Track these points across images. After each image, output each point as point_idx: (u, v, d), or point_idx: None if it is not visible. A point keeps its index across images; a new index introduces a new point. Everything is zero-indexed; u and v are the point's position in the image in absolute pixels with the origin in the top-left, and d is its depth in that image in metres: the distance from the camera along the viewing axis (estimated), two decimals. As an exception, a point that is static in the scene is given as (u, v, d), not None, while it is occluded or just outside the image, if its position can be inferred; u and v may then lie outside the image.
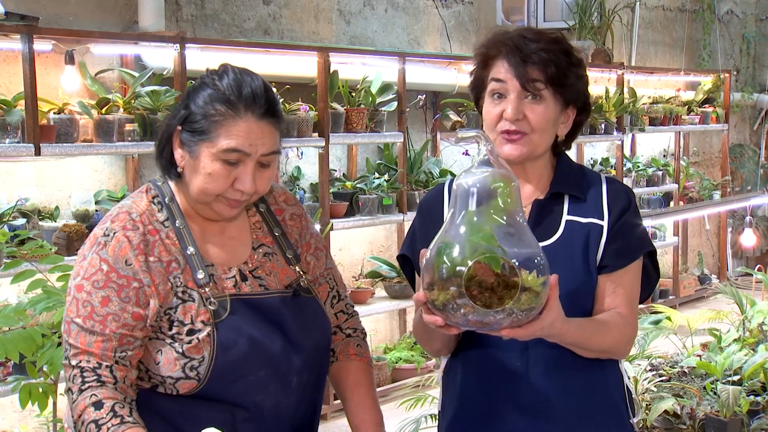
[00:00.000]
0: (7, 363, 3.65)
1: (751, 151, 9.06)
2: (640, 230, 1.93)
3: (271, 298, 1.80)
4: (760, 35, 9.19)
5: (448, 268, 1.57)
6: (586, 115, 1.95)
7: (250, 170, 1.72)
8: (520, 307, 1.57)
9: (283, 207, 1.95)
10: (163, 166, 1.80)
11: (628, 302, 1.90)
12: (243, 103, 1.70)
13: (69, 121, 3.78)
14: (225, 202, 1.75)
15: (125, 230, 1.73)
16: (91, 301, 1.69)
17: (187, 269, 1.75)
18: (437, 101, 5.96)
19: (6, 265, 2.70)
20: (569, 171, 1.96)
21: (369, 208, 5.09)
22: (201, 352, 1.70)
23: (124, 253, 1.71)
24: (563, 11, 6.92)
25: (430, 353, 1.97)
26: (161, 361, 1.71)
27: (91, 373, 1.67)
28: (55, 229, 3.82)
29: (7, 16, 3.65)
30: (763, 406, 3.39)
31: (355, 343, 1.98)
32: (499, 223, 1.61)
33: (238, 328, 1.73)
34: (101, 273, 1.70)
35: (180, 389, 1.71)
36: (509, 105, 1.83)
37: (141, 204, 1.79)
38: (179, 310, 1.72)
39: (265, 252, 1.87)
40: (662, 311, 4.02)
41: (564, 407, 1.88)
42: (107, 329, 1.68)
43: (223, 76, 1.74)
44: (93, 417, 1.63)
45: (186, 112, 1.74)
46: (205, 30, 4.76)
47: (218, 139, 1.69)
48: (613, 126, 6.70)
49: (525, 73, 1.83)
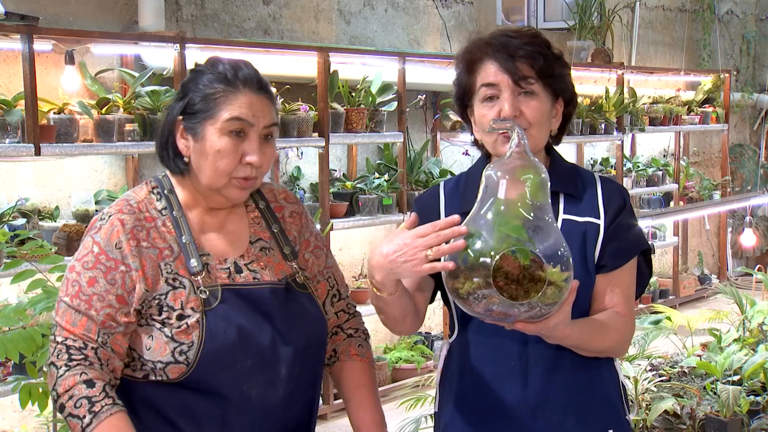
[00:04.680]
0: (7, 363, 3.65)
1: (751, 151, 9.06)
2: (636, 229, 1.95)
3: (262, 289, 1.81)
4: (760, 35, 9.19)
5: (474, 258, 1.57)
6: (573, 107, 1.97)
7: (255, 141, 1.77)
8: (545, 302, 1.58)
9: (282, 204, 1.97)
10: (169, 160, 1.83)
11: (625, 301, 1.91)
12: (240, 81, 1.77)
13: (69, 121, 3.78)
14: (236, 183, 1.78)
15: (120, 213, 1.77)
16: (80, 280, 1.73)
17: (181, 257, 1.78)
18: (437, 101, 5.96)
19: (6, 265, 2.70)
20: (563, 169, 1.97)
21: (369, 208, 5.09)
22: (190, 337, 1.72)
23: (116, 236, 1.74)
24: (563, 11, 6.92)
25: (391, 329, 1.95)
26: (152, 346, 1.73)
27: (78, 352, 1.70)
28: (55, 229, 3.82)
29: (7, 16, 3.65)
30: (763, 406, 3.39)
31: (356, 343, 1.98)
32: (527, 215, 1.61)
33: (227, 316, 1.75)
34: (91, 254, 1.74)
35: (170, 374, 1.73)
36: (505, 103, 1.84)
37: (140, 193, 1.83)
38: (169, 296, 1.74)
39: (262, 246, 1.88)
40: (662, 311, 4.02)
41: (562, 406, 1.89)
42: (92, 309, 1.71)
43: (217, 64, 1.81)
44: (85, 394, 1.66)
45: (184, 101, 1.80)
46: (205, 30, 4.76)
47: (221, 112, 1.75)
48: (613, 126, 6.70)
49: (516, 70, 1.84)
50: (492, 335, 1.88)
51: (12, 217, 3.66)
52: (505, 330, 1.72)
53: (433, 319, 5.98)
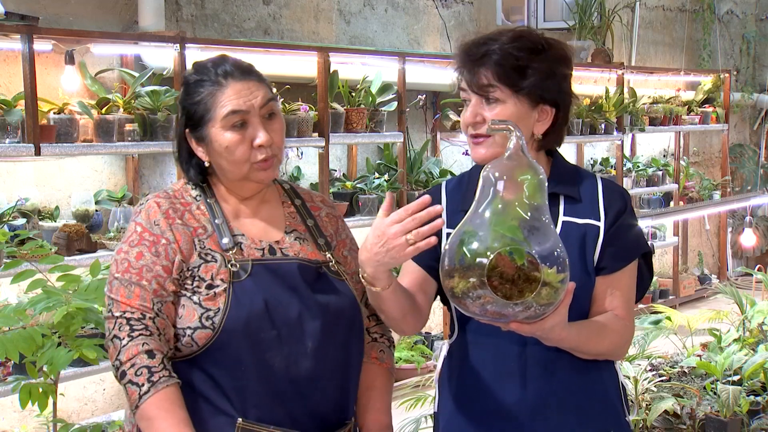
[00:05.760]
0: (7, 363, 3.65)
1: (751, 151, 9.06)
2: (636, 232, 1.94)
3: (290, 263, 1.88)
4: (760, 35, 9.18)
5: (469, 258, 1.58)
6: (564, 109, 1.91)
7: (258, 125, 1.85)
8: (540, 302, 1.58)
9: (319, 206, 2.05)
10: (196, 172, 1.92)
11: (625, 303, 1.90)
12: (221, 76, 1.85)
13: (69, 121, 3.78)
14: (257, 167, 1.86)
15: (157, 197, 1.90)
16: (128, 257, 1.83)
17: (214, 236, 1.87)
18: (437, 101, 5.96)
19: (6, 265, 2.70)
20: (564, 171, 1.96)
21: (369, 208, 5.09)
22: (217, 304, 1.80)
23: (154, 215, 1.86)
24: (563, 11, 6.92)
25: (393, 329, 1.96)
26: (183, 315, 1.82)
27: (138, 322, 1.78)
28: (55, 229, 3.82)
29: (7, 16, 3.65)
30: (763, 406, 3.39)
31: (378, 348, 2.01)
32: (523, 216, 1.62)
33: (254, 288, 1.82)
34: (136, 234, 1.85)
35: (198, 341, 1.79)
36: (468, 110, 1.87)
37: (177, 184, 1.96)
38: (201, 268, 1.83)
39: (296, 236, 1.95)
40: (662, 311, 4.02)
41: (561, 407, 1.88)
42: (143, 279, 1.80)
43: (198, 69, 1.90)
44: (146, 363, 1.74)
45: (183, 113, 1.89)
46: (205, 30, 4.76)
47: (215, 112, 1.84)
48: (613, 126, 6.69)
49: (475, 79, 1.85)
50: (491, 336, 1.88)
51: (12, 217, 3.66)
52: (504, 331, 1.72)
53: (433, 319, 5.97)
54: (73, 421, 3.40)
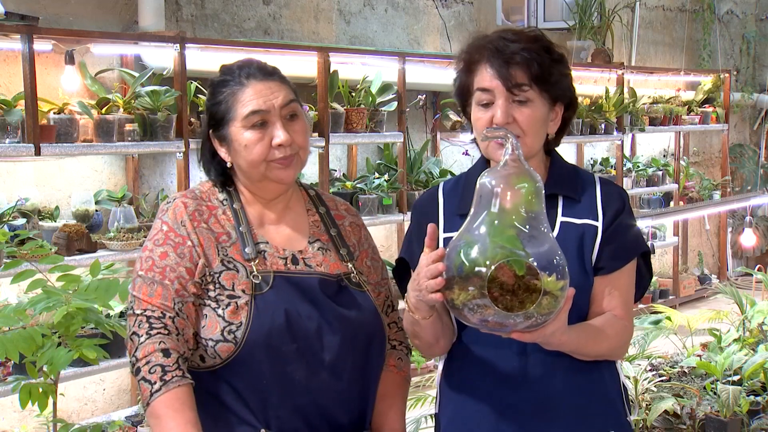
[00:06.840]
0: (7, 363, 3.65)
1: (751, 151, 9.06)
2: (635, 231, 1.93)
3: (312, 278, 1.88)
4: (760, 35, 9.18)
5: (468, 268, 1.57)
6: (573, 110, 1.96)
7: (278, 124, 1.86)
8: (541, 312, 1.56)
9: (343, 214, 2.05)
10: (217, 172, 1.94)
11: (624, 303, 1.90)
12: (244, 77, 1.88)
13: (69, 121, 3.78)
14: (275, 165, 1.88)
15: (184, 197, 1.91)
16: (152, 256, 1.85)
17: (237, 244, 1.88)
18: (437, 101, 5.96)
19: (6, 265, 2.69)
20: (563, 171, 1.96)
21: (369, 208, 5.09)
22: (239, 318, 1.81)
23: (180, 216, 1.87)
24: (563, 11, 6.92)
25: (425, 353, 1.97)
26: (205, 324, 1.82)
27: (157, 321, 1.79)
28: (55, 229, 3.82)
29: (7, 16, 3.65)
30: (763, 406, 3.39)
31: (397, 356, 2.02)
32: (522, 225, 1.60)
33: (276, 301, 1.83)
34: (161, 233, 1.87)
35: (220, 353, 1.80)
36: (498, 110, 1.84)
37: (205, 185, 1.98)
38: (223, 275, 1.84)
39: (319, 246, 1.96)
40: (662, 311, 4.02)
41: (563, 408, 1.88)
42: (166, 279, 1.82)
43: (222, 71, 1.93)
44: (161, 362, 1.75)
45: (208, 115, 1.91)
46: (205, 30, 4.76)
47: (236, 112, 1.86)
48: (613, 126, 6.69)
49: (509, 77, 1.82)
50: (491, 336, 1.87)
51: (12, 217, 3.66)
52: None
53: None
54: (73, 421, 3.39)
